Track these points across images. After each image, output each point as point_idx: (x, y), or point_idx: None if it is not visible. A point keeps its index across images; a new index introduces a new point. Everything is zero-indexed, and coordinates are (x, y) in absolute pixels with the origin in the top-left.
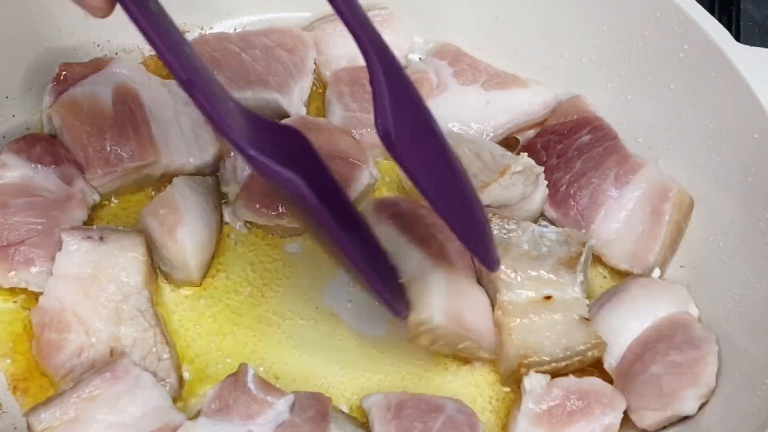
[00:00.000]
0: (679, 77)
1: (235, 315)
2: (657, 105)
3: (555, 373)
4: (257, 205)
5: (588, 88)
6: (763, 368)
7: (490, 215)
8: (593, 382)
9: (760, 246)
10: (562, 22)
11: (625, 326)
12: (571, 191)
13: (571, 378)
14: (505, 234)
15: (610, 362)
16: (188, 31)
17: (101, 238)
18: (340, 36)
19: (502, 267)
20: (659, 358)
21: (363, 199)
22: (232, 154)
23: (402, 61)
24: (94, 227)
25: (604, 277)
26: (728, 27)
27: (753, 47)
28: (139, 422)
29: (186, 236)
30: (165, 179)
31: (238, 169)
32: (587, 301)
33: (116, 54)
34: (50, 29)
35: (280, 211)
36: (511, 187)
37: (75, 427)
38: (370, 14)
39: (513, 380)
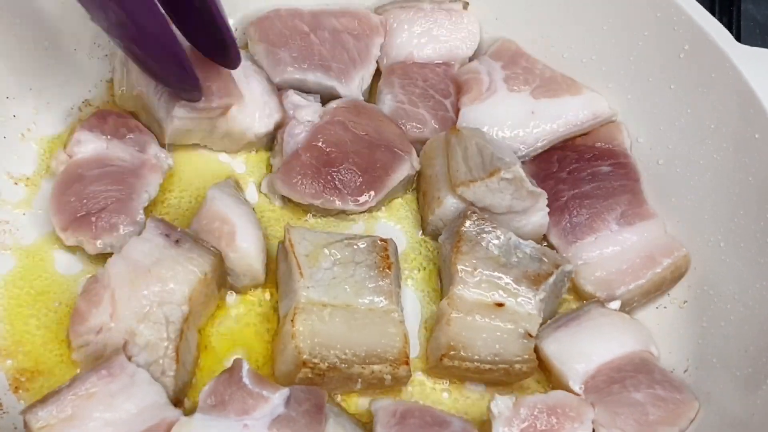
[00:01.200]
0: (680, 77)
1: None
2: (657, 105)
3: (476, 375)
4: (294, 181)
5: (588, 87)
6: (763, 368)
7: (469, 212)
8: (557, 396)
9: (760, 246)
10: (562, 22)
11: (593, 349)
12: (571, 205)
13: (536, 395)
14: (476, 233)
15: (574, 379)
16: None
17: (177, 241)
18: (407, 28)
19: (463, 263)
20: (643, 388)
21: (402, 189)
22: (287, 126)
23: (464, 60)
24: (180, 229)
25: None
26: (729, 27)
27: (754, 47)
28: (135, 419)
29: (245, 242)
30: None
31: (285, 142)
32: (540, 320)
33: (117, 53)
34: (51, 29)
35: (315, 191)
36: (498, 193)
37: (72, 425)
38: (444, 6)
39: (437, 372)
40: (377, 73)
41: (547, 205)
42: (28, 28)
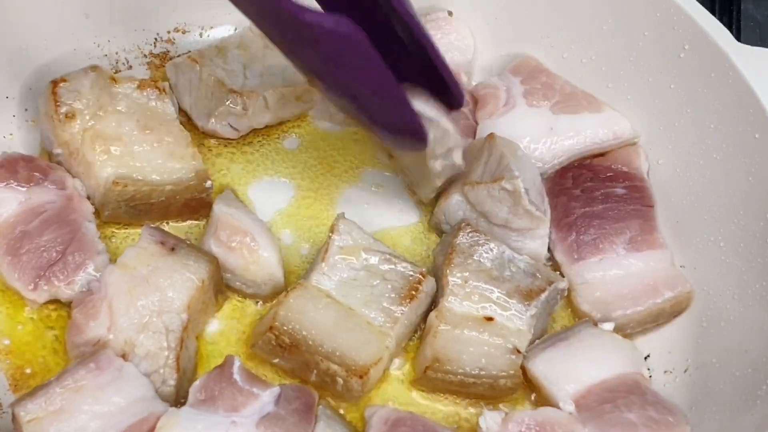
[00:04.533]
0: (679, 77)
1: None
2: (657, 105)
3: (462, 388)
4: None
5: (588, 88)
6: (762, 368)
7: (463, 224)
8: (547, 412)
9: (760, 246)
10: (562, 22)
11: (583, 370)
12: (580, 223)
13: (526, 410)
14: (469, 245)
15: (564, 399)
16: (188, 31)
17: (173, 249)
18: None
19: (455, 274)
20: (636, 409)
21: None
22: None
23: (467, 66)
24: (175, 237)
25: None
26: (729, 27)
27: (753, 47)
28: (124, 412)
29: (266, 251)
30: None
31: None
32: (530, 336)
33: (116, 54)
34: (51, 29)
35: None
36: (497, 201)
37: (61, 418)
38: (430, 17)
39: (422, 382)
40: None
41: (555, 222)
42: (27, 28)
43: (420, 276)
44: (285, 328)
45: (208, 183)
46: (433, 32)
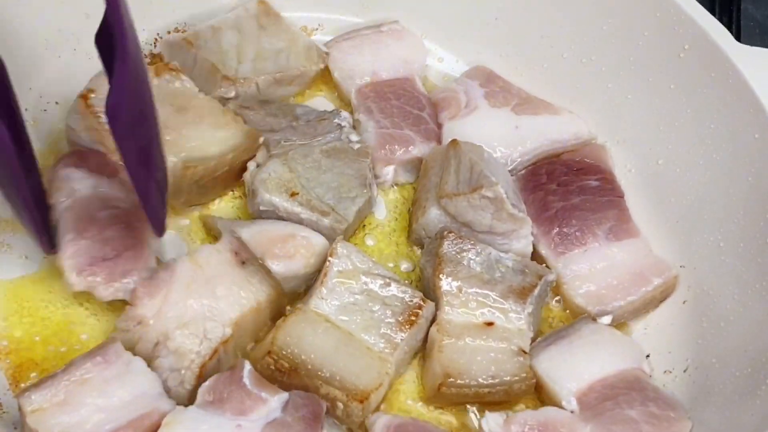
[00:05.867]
0: (679, 77)
1: None
2: (657, 105)
3: (477, 399)
4: None
5: (588, 87)
6: (762, 368)
7: (446, 233)
8: (549, 412)
9: (760, 246)
10: (562, 22)
11: (585, 367)
12: (560, 216)
13: (527, 411)
14: (457, 253)
15: (567, 398)
16: (188, 31)
17: (243, 262)
18: (357, 52)
19: (447, 285)
20: (637, 405)
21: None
22: None
23: (421, 71)
24: (250, 252)
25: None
26: (729, 27)
27: (753, 47)
28: (128, 406)
29: (315, 237)
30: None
31: None
32: (531, 334)
33: None
34: (50, 29)
35: None
36: (479, 210)
37: (64, 410)
38: (382, 29)
39: (436, 399)
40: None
41: (535, 217)
42: (27, 28)
43: (420, 301)
44: (283, 352)
45: (261, 139)
46: (389, 41)
